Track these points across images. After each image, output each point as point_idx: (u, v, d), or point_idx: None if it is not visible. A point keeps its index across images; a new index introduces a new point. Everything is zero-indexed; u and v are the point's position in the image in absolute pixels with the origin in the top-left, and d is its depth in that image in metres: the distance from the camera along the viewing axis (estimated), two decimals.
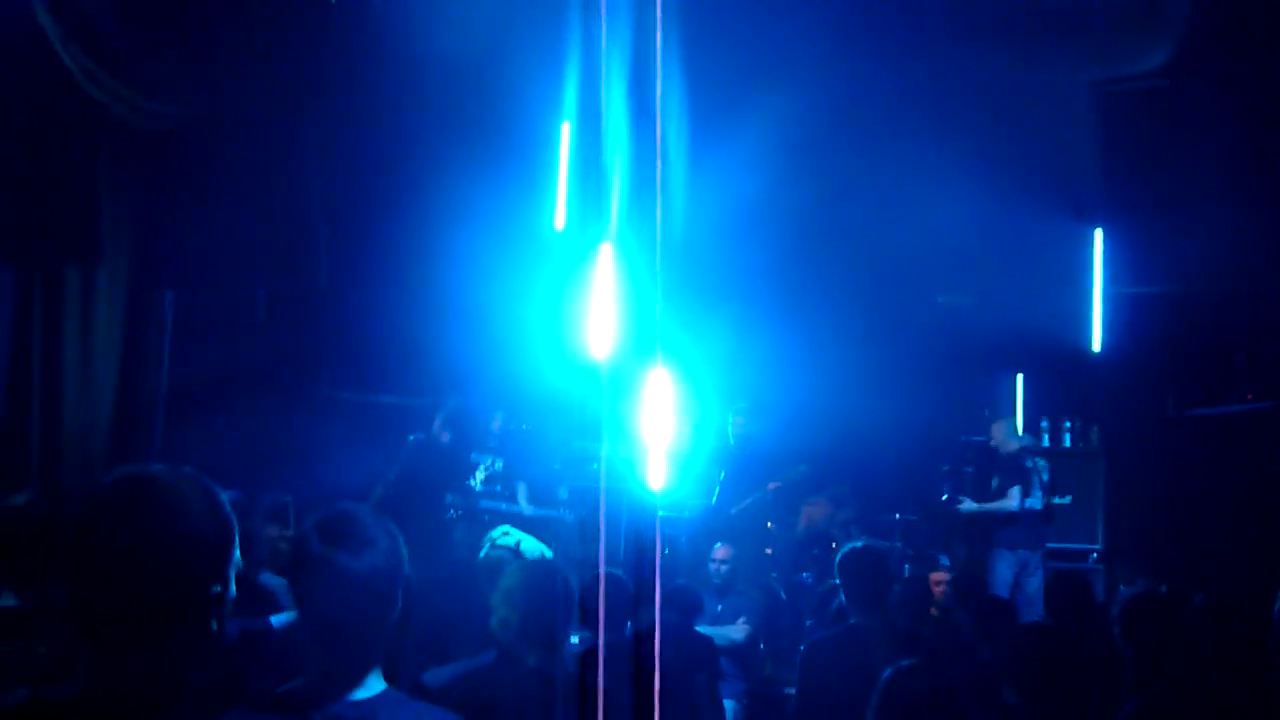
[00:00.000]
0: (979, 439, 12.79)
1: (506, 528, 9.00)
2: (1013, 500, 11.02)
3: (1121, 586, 9.87)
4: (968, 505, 11.12)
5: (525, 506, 11.03)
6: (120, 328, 10.31)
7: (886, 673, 4.14)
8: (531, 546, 8.38)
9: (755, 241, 12.06)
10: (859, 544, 6.95)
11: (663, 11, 6.94)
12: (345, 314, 11.76)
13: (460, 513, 10.81)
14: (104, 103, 9.39)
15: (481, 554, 8.93)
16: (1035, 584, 10.77)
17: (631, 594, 5.55)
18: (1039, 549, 11.15)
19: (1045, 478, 11.22)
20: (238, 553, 2.33)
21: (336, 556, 2.73)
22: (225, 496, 2.33)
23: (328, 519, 2.83)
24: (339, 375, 12.19)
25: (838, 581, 6.38)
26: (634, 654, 5.05)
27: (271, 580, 5.90)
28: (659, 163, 8.72)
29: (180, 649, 2.26)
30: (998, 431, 11.19)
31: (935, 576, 9.31)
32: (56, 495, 4.16)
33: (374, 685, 2.78)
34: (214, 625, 2.30)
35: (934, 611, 8.31)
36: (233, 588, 2.31)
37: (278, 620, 4.78)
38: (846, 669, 5.68)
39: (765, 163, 10.95)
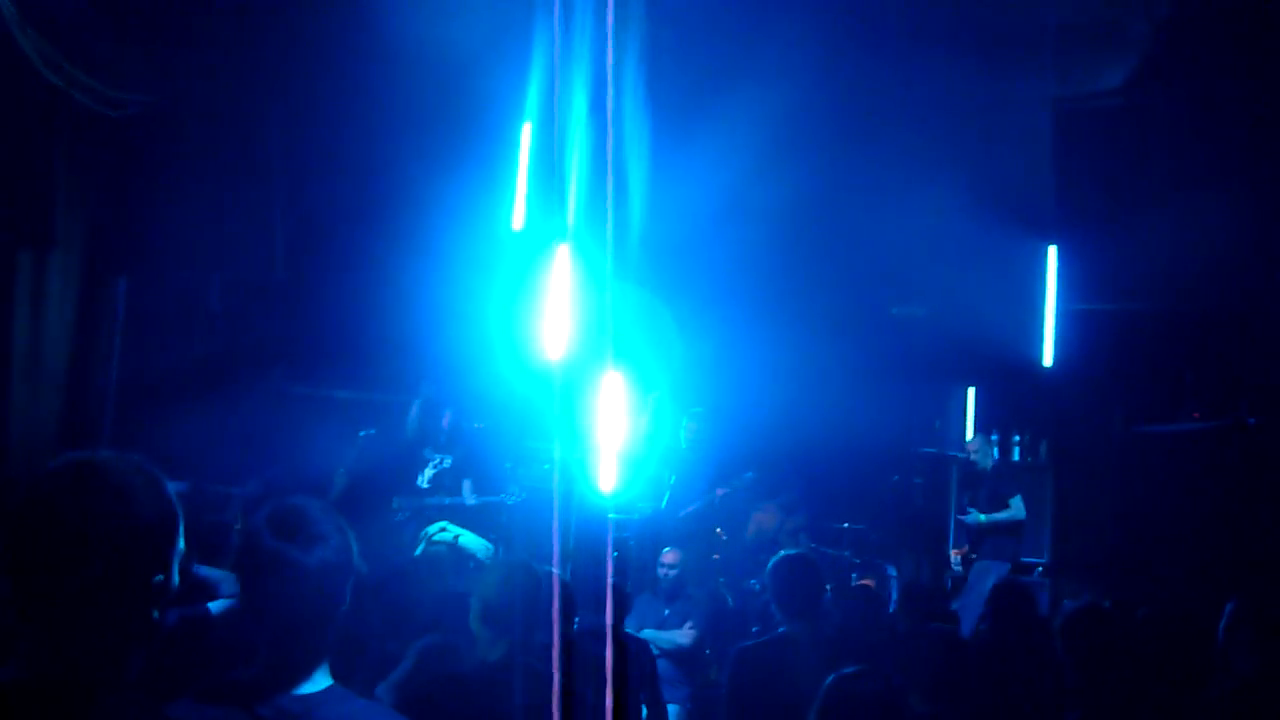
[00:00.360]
0: (929, 450, 12.97)
1: (443, 524, 9.00)
2: (1019, 509, 10.99)
3: (1066, 600, 9.95)
4: (973, 518, 11.00)
5: (468, 497, 11.01)
6: (72, 313, 10.26)
7: (829, 679, 4.13)
8: (469, 541, 8.37)
9: (713, 245, 12.01)
10: (790, 552, 6.97)
11: (624, 13, 6.92)
12: (302, 307, 11.70)
13: (407, 514, 10.77)
14: (62, 87, 9.37)
15: (418, 550, 8.95)
16: None
17: (570, 595, 5.32)
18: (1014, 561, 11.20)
19: None
20: (181, 542, 2.32)
21: (287, 551, 2.72)
22: (171, 486, 2.32)
23: (278, 512, 2.79)
24: (294, 369, 12.14)
25: (767, 589, 6.36)
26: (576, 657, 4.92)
27: (208, 571, 5.83)
28: (609, 163, 8.66)
29: (120, 635, 2.24)
30: (975, 446, 11.15)
31: (866, 580, 9.32)
32: (2, 482, 4.07)
33: (320, 680, 2.77)
34: (155, 613, 2.29)
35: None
36: (175, 576, 2.31)
37: (215, 607, 4.73)
38: (775, 676, 5.72)
39: (725, 167, 10.90)
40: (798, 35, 10.37)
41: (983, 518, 11.17)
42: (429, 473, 11.04)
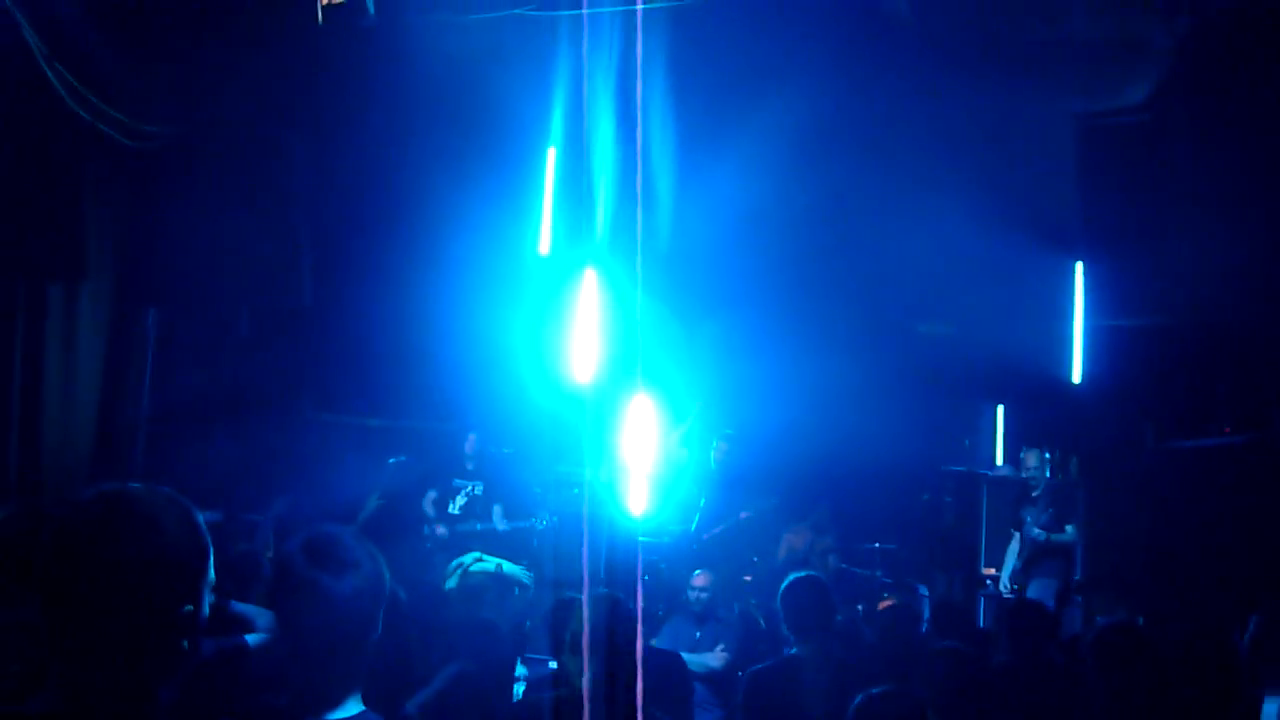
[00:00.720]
0: (959, 468, 12.93)
1: (478, 554, 9.02)
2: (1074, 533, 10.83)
3: (1097, 617, 9.88)
4: (1039, 534, 10.81)
5: (499, 522, 11.02)
6: (103, 344, 10.39)
7: (858, 699, 4.15)
8: (512, 570, 8.41)
9: (739, 268, 12.05)
10: (800, 575, 6.96)
11: (646, 38, 6.96)
12: (330, 335, 11.77)
13: (441, 540, 10.80)
14: (89, 120, 9.49)
15: (451, 581, 8.95)
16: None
17: (630, 615, 5.27)
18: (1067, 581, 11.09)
19: None
20: (212, 573, 2.34)
21: (320, 577, 2.74)
22: (202, 517, 2.33)
23: (312, 540, 2.82)
24: (323, 396, 12.24)
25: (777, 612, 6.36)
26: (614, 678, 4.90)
27: (243, 607, 5.83)
28: (639, 190, 8.91)
29: (150, 667, 2.25)
30: (1030, 460, 10.87)
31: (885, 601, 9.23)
32: (34, 513, 4.10)
33: (352, 707, 2.79)
34: (184, 644, 2.30)
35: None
36: (205, 608, 2.33)
37: (252, 640, 4.74)
38: (786, 698, 5.73)
39: (750, 189, 10.93)
40: (821, 52, 10.38)
41: (1043, 535, 10.88)
42: (460, 500, 11.08)
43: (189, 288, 10.70)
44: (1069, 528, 10.23)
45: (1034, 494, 10.49)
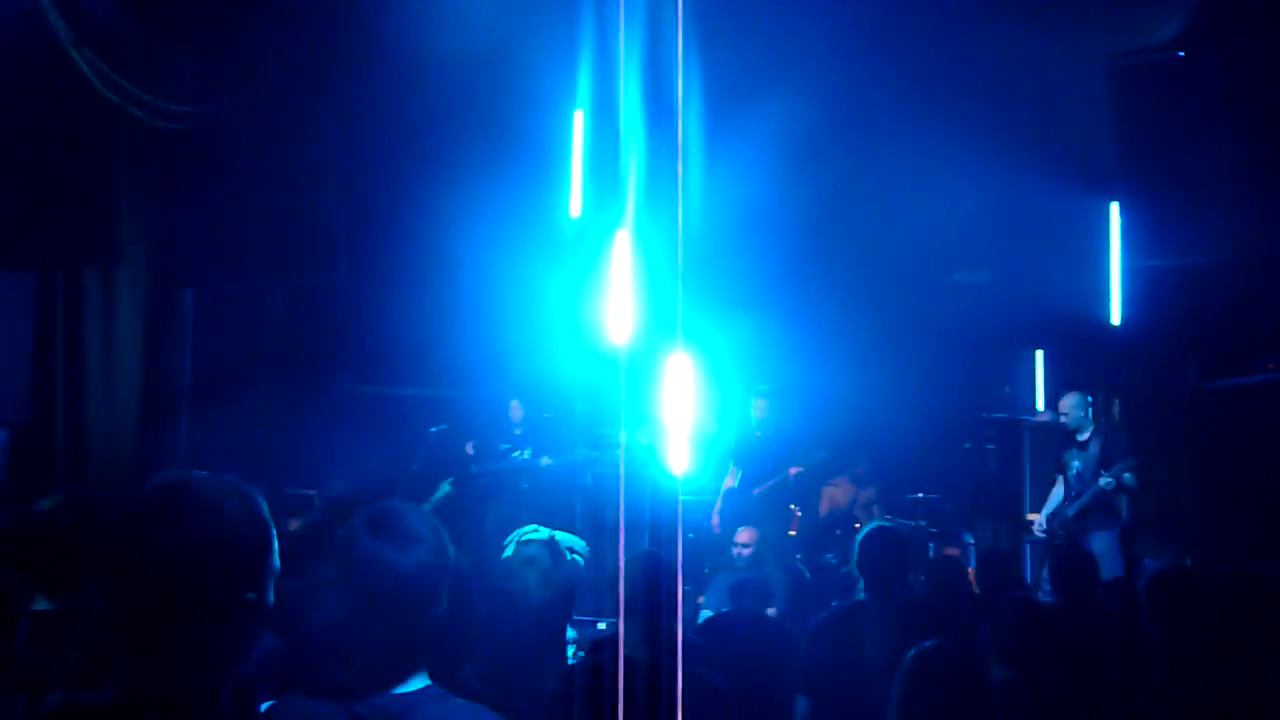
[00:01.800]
0: (1000, 415, 12.88)
1: (534, 525, 9.12)
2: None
3: (1146, 561, 9.87)
4: (1106, 481, 10.65)
5: (542, 460, 11.17)
6: (141, 326, 10.49)
7: (910, 653, 4.17)
8: (564, 537, 8.49)
9: (774, 224, 12.04)
10: (880, 523, 7.01)
11: None
12: (363, 308, 11.87)
13: (485, 479, 10.87)
14: (119, 104, 9.53)
15: (508, 551, 9.06)
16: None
17: (674, 571, 5.23)
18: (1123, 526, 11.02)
19: None
20: (276, 561, 2.35)
21: (384, 551, 2.77)
22: (263, 504, 2.34)
23: (376, 515, 2.84)
24: (358, 369, 12.35)
25: (854, 561, 6.40)
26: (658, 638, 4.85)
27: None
28: (679, 145, 8.38)
29: (214, 655, 2.27)
30: (1070, 405, 10.72)
31: (947, 550, 9.21)
32: (86, 499, 4.19)
33: (417, 682, 2.81)
34: (248, 632, 2.32)
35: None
36: (270, 595, 2.33)
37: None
38: (852, 644, 5.74)
39: (783, 145, 10.92)
40: (853, 7, 10.35)
41: (1113, 483, 10.67)
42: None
43: (223, 267, 10.77)
44: (1127, 475, 10.14)
45: (1080, 438, 10.37)
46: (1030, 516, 11.36)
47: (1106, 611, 6.62)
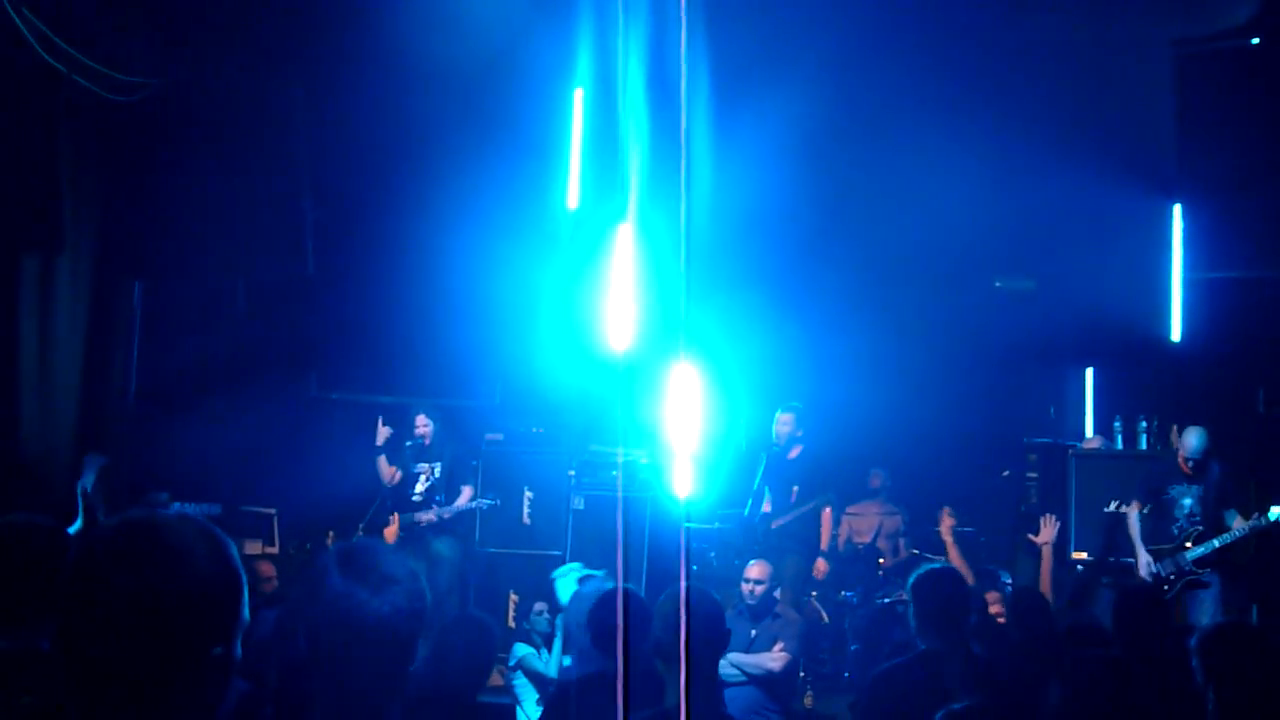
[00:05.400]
0: (1043, 440, 12.66)
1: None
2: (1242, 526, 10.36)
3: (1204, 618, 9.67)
4: (1240, 530, 10.32)
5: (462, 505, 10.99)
6: (84, 323, 10.33)
7: (938, 715, 4.26)
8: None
9: (790, 220, 11.92)
10: (937, 565, 6.94)
11: None
12: (336, 305, 11.70)
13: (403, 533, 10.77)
14: (64, 72, 9.38)
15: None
16: None
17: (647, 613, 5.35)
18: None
19: None
20: (246, 612, 2.31)
21: (356, 591, 2.71)
22: (235, 550, 2.31)
23: (348, 549, 2.81)
24: (327, 374, 12.16)
25: (907, 601, 6.29)
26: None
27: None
28: (684, 129, 8.79)
29: (174, 712, 2.22)
30: (1193, 441, 10.40)
31: (988, 596, 9.01)
32: (30, 528, 4.14)
33: None
34: (214, 690, 2.28)
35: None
36: (238, 649, 2.30)
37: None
38: (915, 700, 5.63)
39: (799, 130, 10.81)
40: None
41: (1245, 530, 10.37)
42: (421, 486, 11.01)
43: (179, 256, 10.69)
44: (1272, 515, 9.95)
45: (1189, 471, 10.11)
46: (1076, 555, 11.18)
47: (1171, 660, 6.38)
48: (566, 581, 8.93)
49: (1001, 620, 8.42)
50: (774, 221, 11.76)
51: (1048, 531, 9.55)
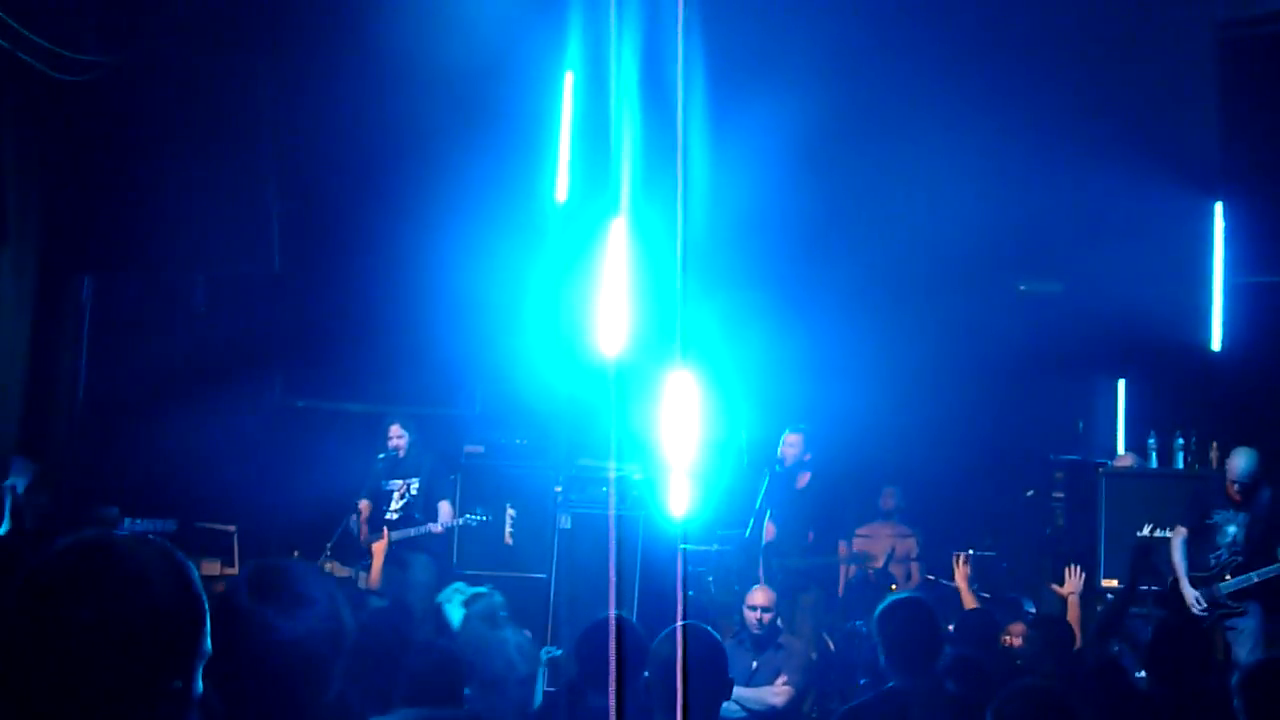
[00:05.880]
0: (1071, 457, 12.49)
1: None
2: None
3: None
4: (1228, 585, 9.97)
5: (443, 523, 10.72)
6: (28, 321, 10.40)
7: None
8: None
9: (795, 216, 11.73)
10: (900, 596, 6.74)
11: None
12: (304, 305, 11.63)
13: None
14: (8, 49, 9.39)
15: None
16: None
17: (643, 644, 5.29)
18: None
19: None
20: (208, 643, 2.27)
21: (264, 613, 2.71)
22: (196, 574, 2.27)
23: (259, 570, 2.83)
24: (293, 379, 12.12)
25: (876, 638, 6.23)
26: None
27: None
28: (680, 118, 8.46)
29: None
30: (1242, 464, 9.94)
31: (1013, 629, 8.51)
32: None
33: None
34: None
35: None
36: (198, 683, 2.26)
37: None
38: None
39: (806, 121, 10.61)
40: None
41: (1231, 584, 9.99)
42: (398, 504, 10.72)
43: (131, 249, 10.68)
44: None
45: (1236, 496, 9.69)
46: (1106, 583, 11.00)
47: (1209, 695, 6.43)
48: (453, 606, 8.83)
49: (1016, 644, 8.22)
50: (777, 218, 11.59)
51: (1073, 582, 9.31)
